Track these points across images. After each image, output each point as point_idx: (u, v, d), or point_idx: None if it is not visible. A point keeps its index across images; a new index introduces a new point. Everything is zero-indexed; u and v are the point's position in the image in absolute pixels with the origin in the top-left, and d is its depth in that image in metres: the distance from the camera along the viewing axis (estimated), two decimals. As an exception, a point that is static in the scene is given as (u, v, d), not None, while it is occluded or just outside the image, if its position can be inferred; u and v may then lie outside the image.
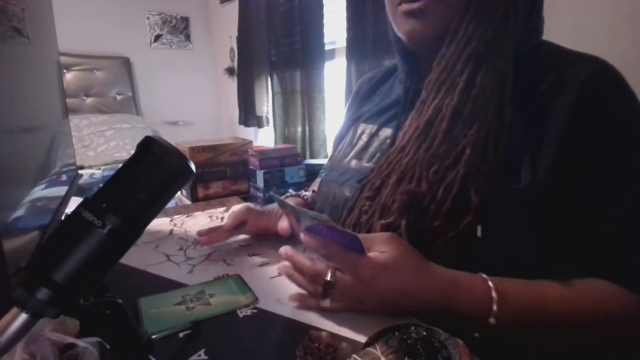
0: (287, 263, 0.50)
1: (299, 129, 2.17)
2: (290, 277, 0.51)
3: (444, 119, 0.50)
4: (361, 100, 0.76)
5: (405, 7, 0.53)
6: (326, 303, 0.44)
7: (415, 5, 0.52)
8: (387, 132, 0.63)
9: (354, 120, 0.73)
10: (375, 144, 0.64)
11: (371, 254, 0.44)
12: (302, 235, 0.47)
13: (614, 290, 0.44)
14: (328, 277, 0.44)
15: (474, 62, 0.49)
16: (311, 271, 0.47)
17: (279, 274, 0.57)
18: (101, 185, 0.31)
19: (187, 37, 3.31)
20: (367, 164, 0.62)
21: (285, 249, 0.51)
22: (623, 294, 0.44)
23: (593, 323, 0.44)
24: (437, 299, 0.44)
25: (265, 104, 2.54)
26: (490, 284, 0.44)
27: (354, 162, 0.65)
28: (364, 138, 0.67)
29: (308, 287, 0.49)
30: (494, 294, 0.43)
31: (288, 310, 0.48)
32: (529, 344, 0.46)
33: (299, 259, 0.48)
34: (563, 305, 0.44)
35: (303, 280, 0.49)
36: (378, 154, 0.62)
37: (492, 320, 0.42)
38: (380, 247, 0.45)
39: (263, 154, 1.49)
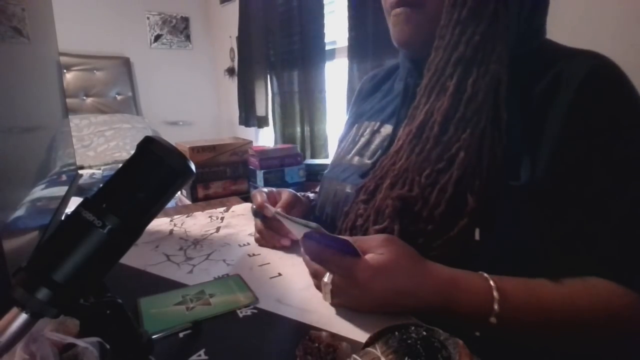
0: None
1: (299, 129, 2.17)
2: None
3: (435, 124, 0.50)
4: (363, 98, 0.77)
5: (393, 14, 0.58)
6: (327, 299, 0.47)
7: (399, 13, 0.56)
8: (388, 129, 0.64)
9: (356, 118, 0.73)
10: (377, 140, 0.64)
11: (368, 257, 0.44)
12: (301, 242, 0.49)
13: (613, 288, 0.44)
14: (325, 279, 0.46)
15: (463, 67, 0.49)
16: (311, 269, 0.50)
17: (279, 274, 0.58)
18: (101, 185, 0.31)
19: (187, 37, 3.31)
20: (369, 161, 0.63)
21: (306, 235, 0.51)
22: (623, 293, 0.44)
23: (593, 322, 0.44)
24: (435, 298, 0.44)
25: (266, 104, 2.54)
26: (492, 283, 0.44)
27: (355, 159, 0.66)
28: (366, 135, 0.67)
29: (313, 279, 0.52)
30: (495, 294, 0.43)
31: (288, 310, 0.48)
32: (529, 342, 0.46)
33: (304, 256, 0.51)
34: (564, 305, 0.44)
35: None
36: (379, 151, 0.62)
37: (493, 319, 0.42)
38: (377, 250, 0.45)
39: (263, 154, 1.49)
